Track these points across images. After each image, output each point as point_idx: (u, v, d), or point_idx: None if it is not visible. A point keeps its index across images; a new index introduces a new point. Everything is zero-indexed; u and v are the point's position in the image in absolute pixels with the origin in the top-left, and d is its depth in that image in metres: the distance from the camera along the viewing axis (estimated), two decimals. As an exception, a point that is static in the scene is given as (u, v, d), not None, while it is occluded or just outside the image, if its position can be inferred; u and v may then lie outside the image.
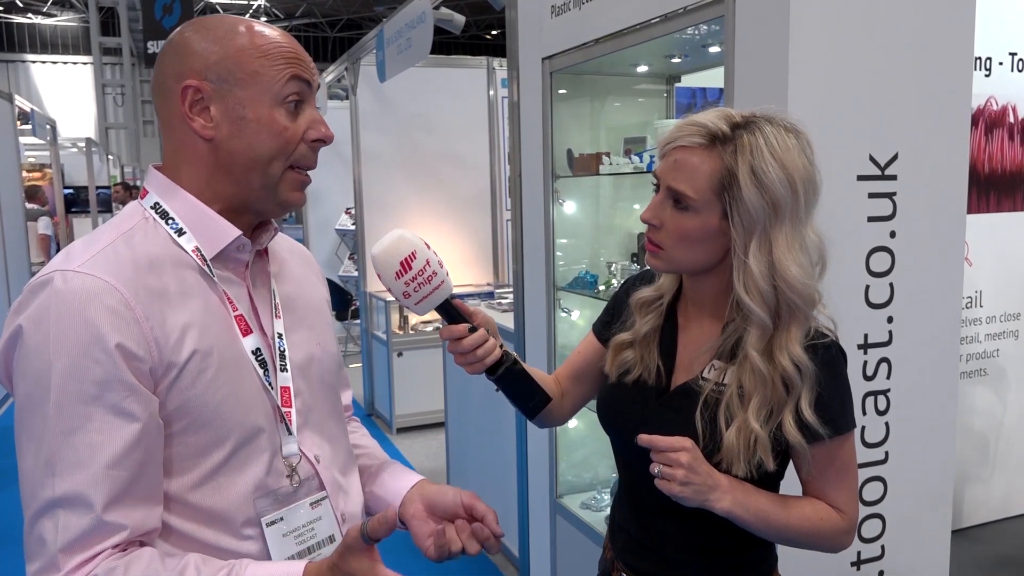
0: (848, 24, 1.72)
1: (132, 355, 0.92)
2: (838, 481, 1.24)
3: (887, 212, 1.80)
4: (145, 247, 0.99)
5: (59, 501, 0.89)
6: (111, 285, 0.93)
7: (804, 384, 1.16)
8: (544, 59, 2.60)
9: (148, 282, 0.96)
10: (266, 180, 1.02)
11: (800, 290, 1.15)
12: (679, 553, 1.29)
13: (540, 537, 2.87)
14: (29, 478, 0.92)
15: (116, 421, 0.91)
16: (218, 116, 1.00)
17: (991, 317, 3.72)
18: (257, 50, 1.00)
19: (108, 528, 0.90)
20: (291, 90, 1.01)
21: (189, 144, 1.02)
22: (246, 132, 1.00)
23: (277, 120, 1.01)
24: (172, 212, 1.03)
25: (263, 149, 1.01)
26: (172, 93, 1.00)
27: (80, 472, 0.89)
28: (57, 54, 19.27)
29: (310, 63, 1.06)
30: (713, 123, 1.16)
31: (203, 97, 0.99)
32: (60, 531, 0.89)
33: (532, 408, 1.30)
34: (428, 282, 1.12)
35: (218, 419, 0.98)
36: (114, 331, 0.91)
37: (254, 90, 1.00)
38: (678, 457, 1.11)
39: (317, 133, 1.04)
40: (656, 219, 1.22)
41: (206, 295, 1.01)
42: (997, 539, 3.69)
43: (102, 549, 0.90)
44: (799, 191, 1.14)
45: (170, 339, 0.95)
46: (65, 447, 0.90)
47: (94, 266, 0.94)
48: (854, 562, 1.88)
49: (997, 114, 3.58)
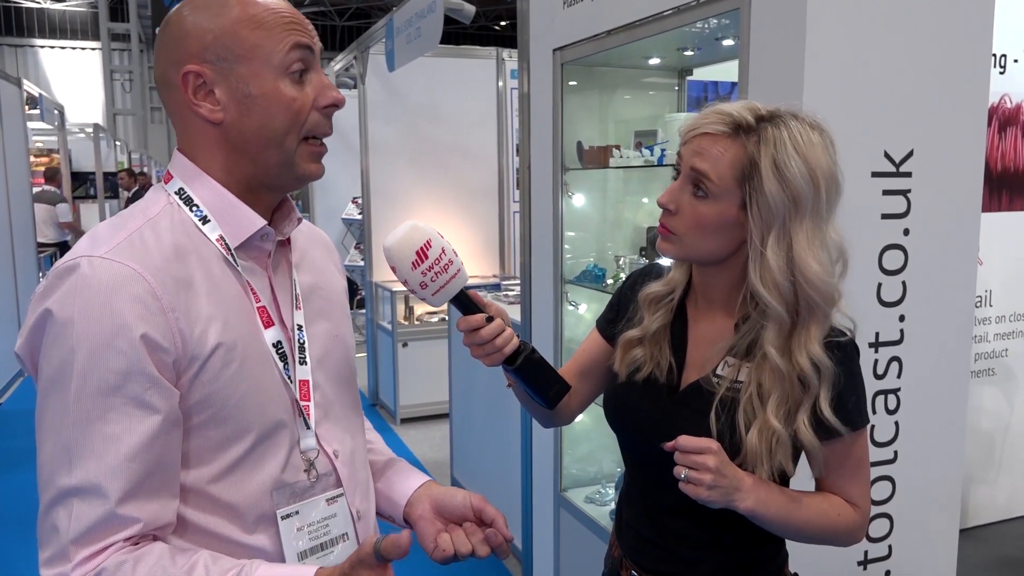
0: (865, 20, 1.70)
1: (157, 346, 0.91)
2: (853, 476, 1.24)
3: (901, 209, 1.78)
4: (171, 235, 0.97)
5: (74, 490, 0.88)
6: (138, 273, 0.91)
7: (822, 384, 1.16)
8: (555, 50, 2.58)
9: (174, 271, 0.94)
10: (282, 155, 1.00)
11: (819, 287, 1.14)
12: (694, 551, 1.28)
13: (543, 530, 2.87)
14: (46, 465, 0.91)
15: (136, 413, 0.90)
16: (224, 98, 0.97)
17: (1000, 316, 3.70)
18: (252, 20, 0.97)
19: (121, 521, 0.89)
20: (294, 58, 0.98)
21: (200, 131, 1.00)
22: (255, 109, 0.97)
23: (284, 92, 0.98)
24: (197, 198, 1.01)
25: (275, 124, 0.98)
26: (174, 82, 0.98)
27: (97, 463, 0.88)
28: (65, 39, 19.29)
29: (308, 25, 1.02)
30: (739, 112, 1.16)
31: (205, 81, 0.97)
32: (73, 521, 0.88)
33: (553, 396, 1.25)
34: (445, 270, 1.09)
35: (240, 413, 0.97)
36: (140, 321, 0.89)
37: (255, 64, 0.97)
38: (705, 461, 1.10)
39: (327, 99, 1.01)
40: (673, 203, 1.20)
41: (230, 286, 0.99)
42: (1002, 540, 3.67)
43: (114, 541, 0.89)
44: (821, 187, 1.13)
45: (195, 331, 0.94)
46: (83, 436, 0.89)
47: (121, 253, 0.92)
48: (861, 561, 1.87)
49: (1011, 112, 3.55)
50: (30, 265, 7.50)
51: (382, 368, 5.76)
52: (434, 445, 4.96)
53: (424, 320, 5.55)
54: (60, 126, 9.72)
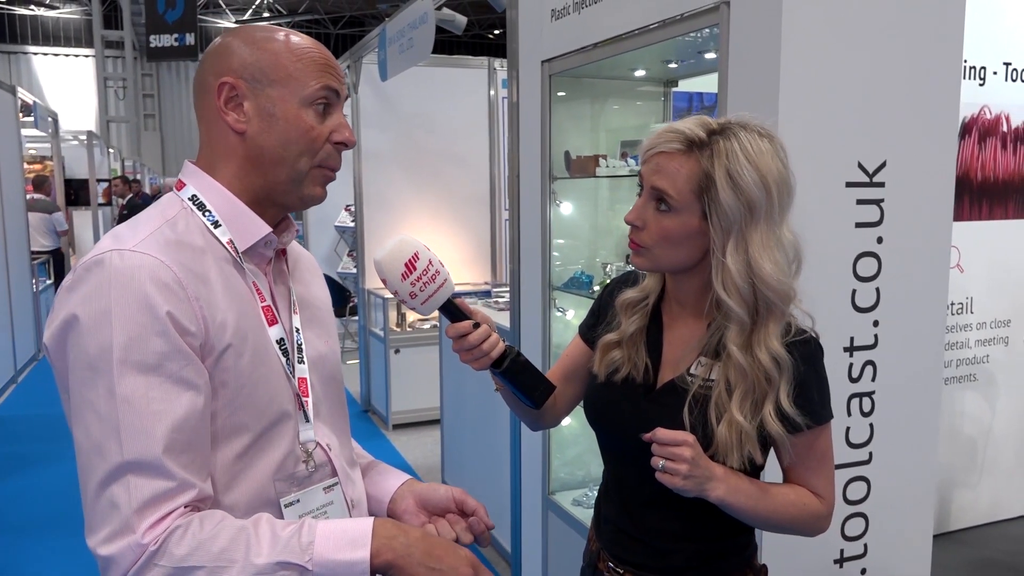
0: (839, 34, 1.76)
1: (185, 329, 0.97)
2: (818, 468, 1.31)
3: (875, 218, 1.84)
4: (188, 235, 1.05)
5: (128, 466, 0.93)
6: (165, 264, 0.98)
7: (782, 377, 1.22)
8: (543, 62, 2.64)
9: (194, 266, 1.02)
10: (292, 175, 1.09)
11: (775, 286, 1.20)
12: (669, 543, 1.34)
13: (532, 533, 2.91)
14: (93, 449, 0.95)
15: (176, 389, 0.96)
16: (250, 112, 1.07)
17: (981, 323, 3.77)
18: (292, 54, 1.07)
19: (179, 488, 0.95)
20: (321, 95, 1.08)
21: (222, 137, 1.08)
22: (275, 128, 1.07)
23: (304, 120, 1.07)
24: (209, 205, 1.08)
25: (291, 145, 1.07)
26: (210, 89, 1.07)
27: (146, 438, 0.93)
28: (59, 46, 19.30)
29: (340, 73, 1.12)
30: (690, 130, 1.23)
31: (237, 94, 1.06)
32: (133, 492, 0.92)
33: (539, 397, 1.32)
34: (432, 280, 1.17)
35: (251, 401, 1.04)
36: (166, 302, 0.96)
37: (285, 90, 1.06)
38: (681, 452, 1.17)
39: (341, 136, 1.11)
40: (639, 220, 1.27)
41: (239, 285, 1.07)
42: (984, 543, 3.73)
43: (175, 507, 0.94)
44: (773, 192, 1.20)
45: (216, 319, 1.01)
46: (130, 415, 0.94)
47: (147, 246, 0.99)
48: (837, 559, 1.92)
49: (991, 123, 3.63)
50: (24, 272, 7.52)
51: (374, 374, 5.80)
52: (426, 451, 5.00)
53: (416, 327, 5.59)
54: (54, 133, 9.75)
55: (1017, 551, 3.64)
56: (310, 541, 0.94)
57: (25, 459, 5.00)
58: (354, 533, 0.96)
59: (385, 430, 5.47)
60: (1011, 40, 3.61)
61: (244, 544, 0.93)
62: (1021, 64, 3.64)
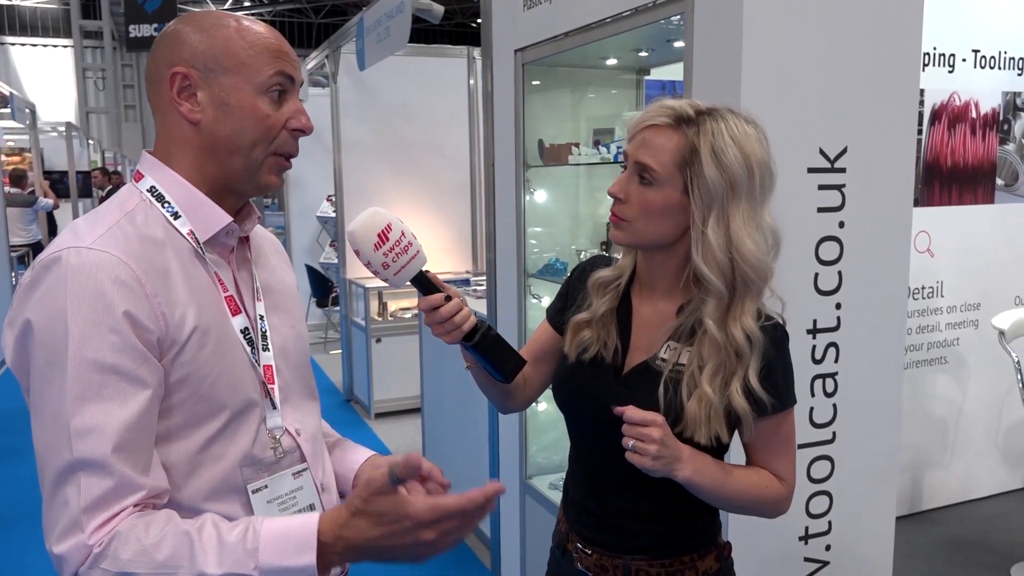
0: (799, 22, 1.79)
1: (142, 326, 0.97)
2: (781, 452, 1.35)
3: (836, 203, 1.88)
4: (147, 228, 1.05)
5: (79, 464, 0.93)
6: (122, 261, 0.98)
7: (753, 354, 1.26)
8: (516, 51, 2.66)
9: (154, 260, 1.02)
10: (247, 163, 1.09)
11: (754, 264, 1.24)
12: (636, 523, 1.37)
13: (510, 517, 2.95)
14: (47, 448, 0.95)
15: (130, 388, 0.96)
16: (204, 101, 1.06)
17: (952, 307, 3.84)
18: (244, 42, 1.06)
19: (128, 488, 0.95)
20: (275, 81, 1.07)
21: (177, 128, 1.08)
22: (230, 117, 1.06)
23: (259, 108, 1.06)
24: (168, 196, 1.08)
25: (246, 134, 1.07)
26: (162, 79, 1.06)
27: (98, 436, 0.94)
28: (37, 36, 19.05)
29: (295, 59, 1.12)
30: (681, 106, 1.27)
31: (190, 84, 1.05)
32: (83, 492, 0.93)
33: (510, 370, 1.34)
34: (405, 251, 1.19)
35: (215, 392, 1.04)
36: (125, 301, 0.96)
37: (239, 78, 1.05)
38: (650, 432, 1.20)
39: (297, 123, 1.10)
40: (622, 192, 1.30)
41: (200, 276, 1.07)
42: (955, 522, 3.81)
43: (123, 508, 0.94)
44: (755, 174, 1.24)
45: (175, 314, 1.01)
46: (83, 413, 0.94)
47: (105, 243, 0.99)
48: (802, 536, 1.97)
49: (960, 109, 3.68)
50: (2, 264, 7.47)
51: (356, 364, 5.82)
52: (407, 439, 5.03)
53: (397, 316, 5.61)
54: (32, 125, 9.65)
55: (988, 529, 3.72)
56: (255, 547, 0.94)
57: (7, 450, 4.99)
58: (300, 536, 0.95)
59: (367, 419, 5.49)
60: (979, 27, 3.66)
61: (188, 551, 0.93)
62: (990, 51, 3.69)
